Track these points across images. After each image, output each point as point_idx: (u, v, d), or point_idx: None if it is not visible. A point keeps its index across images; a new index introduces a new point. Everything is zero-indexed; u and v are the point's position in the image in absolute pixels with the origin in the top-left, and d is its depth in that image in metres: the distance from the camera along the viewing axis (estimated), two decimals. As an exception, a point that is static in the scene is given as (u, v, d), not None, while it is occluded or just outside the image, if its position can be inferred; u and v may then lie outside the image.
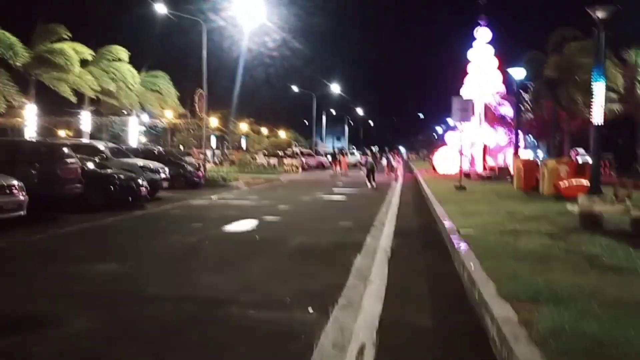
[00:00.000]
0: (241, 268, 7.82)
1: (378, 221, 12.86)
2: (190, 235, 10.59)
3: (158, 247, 9.48)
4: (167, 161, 21.64)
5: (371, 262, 8.08)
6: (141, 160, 18.35)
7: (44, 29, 23.44)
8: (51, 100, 30.22)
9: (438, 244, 8.98)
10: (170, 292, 6.45)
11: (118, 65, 27.91)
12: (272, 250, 9.27)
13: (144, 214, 14.15)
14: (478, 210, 12.03)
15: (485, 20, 34.19)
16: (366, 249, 9.23)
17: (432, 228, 10.94)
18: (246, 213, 14.39)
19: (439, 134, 74.01)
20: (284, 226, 12.22)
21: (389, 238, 9.86)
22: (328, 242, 10.07)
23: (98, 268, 7.68)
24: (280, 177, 33.60)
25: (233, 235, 10.96)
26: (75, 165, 13.69)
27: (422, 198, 18.07)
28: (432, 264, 7.58)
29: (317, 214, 14.85)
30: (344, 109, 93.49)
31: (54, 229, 11.16)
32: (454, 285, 6.39)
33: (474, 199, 15.43)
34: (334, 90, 67.16)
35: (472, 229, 8.97)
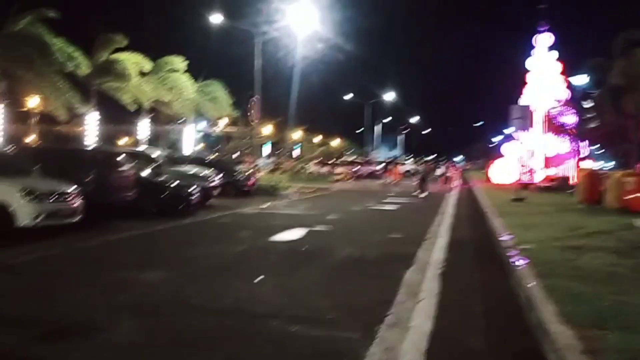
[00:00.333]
0: (286, 279, 7.61)
1: (430, 233, 12.43)
2: (237, 244, 10.49)
3: (204, 255, 9.41)
4: (219, 169, 21.82)
5: (422, 277, 7.71)
6: (193, 169, 18.56)
7: (104, 40, 24.23)
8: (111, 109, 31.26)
9: (494, 259, 8.50)
10: (212, 303, 6.30)
11: (175, 75, 28.55)
12: (319, 261, 9.03)
13: (194, 222, 14.21)
14: (537, 223, 11.41)
15: (545, 26, 33.02)
16: (417, 263, 8.85)
17: (487, 241, 10.43)
18: (294, 222, 14.22)
19: (496, 143, 72.11)
20: (332, 236, 11.97)
21: (441, 251, 9.44)
22: (377, 254, 9.75)
23: (143, 276, 7.64)
24: (331, 186, 33.44)
25: (280, 245, 10.79)
26: (129, 173, 13.93)
27: (478, 209, 17.43)
28: (487, 280, 7.14)
29: (366, 225, 14.53)
30: (398, 117, 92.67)
31: (106, 235, 11.30)
32: (510, 304, 5.95)
33: (533, 211, 14.72)
34: (388, 98, 66.56)
35: (530, 244, 8.45)
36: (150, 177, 15.39)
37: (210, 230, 13.03)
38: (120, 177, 13.56)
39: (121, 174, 13.65)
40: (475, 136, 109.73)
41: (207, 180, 18.24)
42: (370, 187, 34.90)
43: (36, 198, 10.44)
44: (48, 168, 12.39)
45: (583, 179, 17.34)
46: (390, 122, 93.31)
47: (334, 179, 38.43)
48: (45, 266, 8.48)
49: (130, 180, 13.93)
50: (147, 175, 15.44)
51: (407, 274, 8.06)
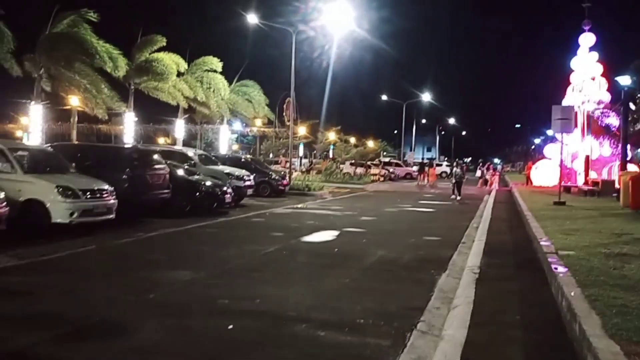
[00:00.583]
0: (315, 282, 7.44)
1: (467, 237, 12.08)
2: (268, 245, 10.37)
3: (234, 255, 9.32)
4: (253, 169, 21.87)
5: (457, 282, 7.43)
6: (228, 168, 18.60)
7: (144, 39, 24.53)
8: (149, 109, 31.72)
9: (533, 265, 8.13)
10: (240, 305, 6.17)
11: (211, 75, 28.74)
12: (350, 263, 8.84)
13: (227, 221, 14.19)
14: (579, 229, 10.93)
15: (589, 25, 31.96)
16: (452, 268, 8.57)
17: (526, 247, 10.03)
18: (327, 223, 14.06)
19: (537, 145, 70.39)
20: (365, 238, 11.76)
21: (477, 256, 9.11)
22: (410, 257, 9.49)
23: (173, 275, 7.59)
24: (366, 187, 33.17)
25: (311, 246, 10.63)
26: (163, 172, 14.00)
27: (517, 213, 16.92)
28: (526, 288, 6.81)
29: (401, 227, 14.25)
30: (435, 118, 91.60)
31: (139, 233, 11.37)
32: (551, 314, 5.63)
33: (575, 215, 14.16)
34: (425, 98, 65.75)
35: (572, 250, 8.05)
36: (184, 176, 15.44)
37: (243, 230, 12.97)
38: (154, 176, 13.63)
39: (156, 172, 13.73)
40: (514, 138, 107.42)
41: (241, 180, 18.22)
42: (406, 188, 34.46)
43: (72, 195, 10.56)
44: (84, 166, 12.59)
45: (627, 183, 16.60)
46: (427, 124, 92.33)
47: (369, 179, 38.07)
48: (76, 262, 8.54)
49: (164, 178, 14.00)
50: (182, 174, 15.49)
51: (441, 278, 7.80)
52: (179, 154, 18.09)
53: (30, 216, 10.25)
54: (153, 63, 23.74)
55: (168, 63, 23.92)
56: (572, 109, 18.58)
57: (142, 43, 24.32)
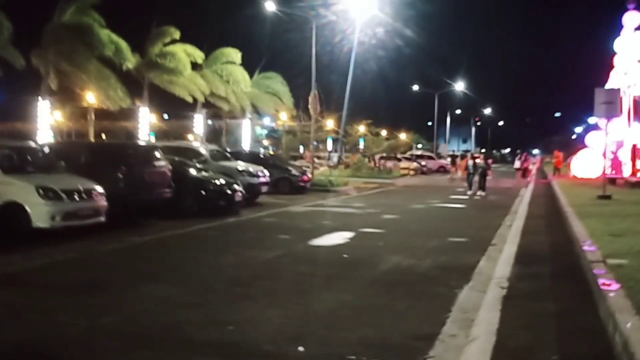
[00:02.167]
0: (310, 300, 6.23)
1: (498, 238, 10.66)
2: (271, 250, 9.22)
3: (228, 264, 8.19)
4: (272, 165, 20.76)
5: (480, 299, 6.10)
6: (242, 164, 17.49)
7: (157, 32, 23.69)
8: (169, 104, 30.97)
9: (574, 277, 6.72)
10: (208, 333, 5.02)
11: (230, 67, 27.73)
12: (358, 274, 7.58)
13: (235, 222, 13.10)
14: (629, 229, 9.38)
15: (634, 3, 29.62)
16: (477, 278, 7.23)
17: (566, 251, 8.57)
18: (344, 223, 12.83)
19: (578, 134, 67.42)
20: (383, 241, 10.46)
21: (508, 264, 7.74)
22: (430, 265, 8.18)
23: (146, 292, 6.50)
24: (395, 181, 31.69)
25: (318, 252, 9.41)
26: (164, 169, 12.98)
27: (556, 209, 15.31)
28: (565, 309, 5.43)
29: (425, 226, 12.90)
30: (470, 108, 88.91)
31: (133, 237, 10.37)
32: (599, 351, 4.28)
33: (623, 212, 12.51)
34: (459, 88, 63.56)
35: (623, 258, 6.60)
36: (190, 173, 14.40)
37: (249, 232, 11.84)
38: (154, 173, 12.63)
39: (156, 170, 12.72)
40: (554, 128, 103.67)
41: (255, 176, 17.11)
42: (438, 182, 32.85)
43: (53, 197, 9.60)
44: (76, 164, 11.63)
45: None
46: (463, 114, 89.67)
47: (399, 174, 36.55)
48: (45, 275, 7.51)
49: (167, 176, 12.97)
50: (187, 171, 14.46)
51: (462, 293, 6.48)
52: (188, 150, 17.07)
53: (10, 221, 9.31)
54: (166, 56, 22.84)
55: (182, 56, 23.00)
56: (618, 92, 16.78)
57: (154, 35, 23.49)
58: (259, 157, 21.65)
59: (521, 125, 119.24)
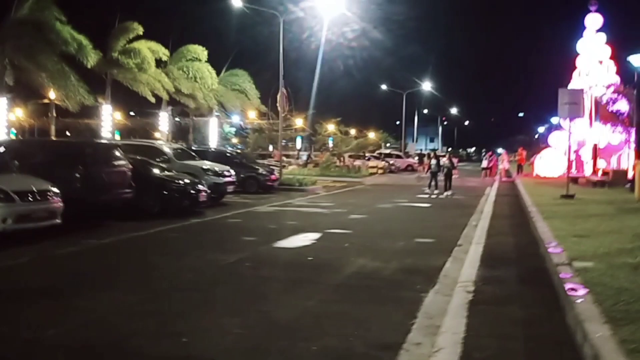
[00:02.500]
0: (271, 307, 5.97)
1: (464, 239, 10.58)
2: (233, 253, 8.92)
3: (186, 268, 7.86)
4: (239, 164, 20.41)
5: (446, 304, 5.95)
6: (207, 163, 17.08)
7: (120, 28, 23.00)
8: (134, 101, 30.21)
9: (541, 280, 6.63)
10: (157, 346, 4.72)
11: (196, 64, 27.16)
12: (322, 278, 7.36)
13: (198, 223, 12.74)
14: (594, 229, 9.41)
15: (595, 5, 30.22)
16: (443, 281, 7.08)
17: (532, 252, 8.52)
18: (310, 224, 12.61)
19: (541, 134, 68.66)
20: (349, 242, 10.26)
21: (474, 266, 7.63)
22: (396, 267, 8.01)
23: (96, 299, 6.14)
24: (363, 180, 31.61)
25: (282, 254, 9.15)
26: (124, 168, 12.53)
27: (521, 208, 15.38)
28: (532, 316, 5.31)
29: (392, 226, 12.76)
30: (437, 108, 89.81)
31: (89, 240, 9.93)
32: (567, 358, 4.15)
33: (587, 211, 12.62)
34: (426, 88, 64.01)
35: (589, 260, 6.54)
36: (151, 173, 13.97)
37: (212, 234, 11.50)
38: (113, 173, 12.18)
39: (115, 169, 12.27)
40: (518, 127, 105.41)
41: (221, 176, 16.73)
42: (405, 181, 32.91)
43: (4, 199, 9.10)
44: (31, 164, 11.13)
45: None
46: (430, 114, 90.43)
47: (367, 172, 36.50)
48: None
49: (126, 176, 12.53)
50: (148, 171, 14.02)
51: (428, 297, 6.32)
52: (150, 149, 16.59)
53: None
54: (130, 53, 22.18)
55: (145, 53, 22.37)
56: (581, 93, 16.95)
57: (117, 32, 22.78)
58: (226, 155, 21.21)
59: (486, 124, 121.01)
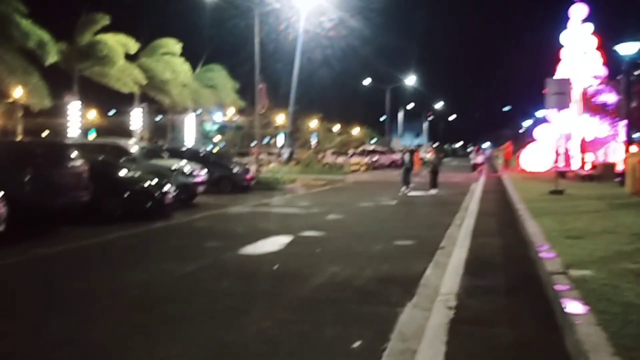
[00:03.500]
0: (223, 328, 5.11)
1: (447, 240, 9.79)
2: (192, 262, 8.03)
3: (137, 282, 6.95)
4: (212, 163, 19.48)
5: (424, 320, 5.13)
6: (175, 163, 16.11)
7: (86, 19, 21.87)
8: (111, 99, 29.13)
9: (533, 292, 5.81)
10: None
11: (169, 59, 26.10)
12: (286, 290, 6.49)
13: (162, 227, 11.80)
14: (587, 229, 8.63)
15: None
16: (422, 292, 6.26)
17: (522, 257, 7.72)
18: (283, 226, 11.75)
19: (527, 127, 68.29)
20: (321, 247, 9.40)
21: (457, 273, 6.82)
22: (370, 276, 7.16)
23: (26, 322, 5.23)
24: (346, 177, 30.75)
25: (246, 262, 8.27)
26: (79, 170, 11.55)
27: (508, 205, 14.63)
28: (524, 338, 4.49)
29: (371, 228, 11.93)
30: (423, 103, 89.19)
31: (38, 248, 8.99)
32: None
33: (577, 209, 11.88)
34: (410, 82, 63.33)
35: (587, 267, 5.74)
36: (112, 174, 13.00)
37: (174, 239, 10.58)
38: (67, 175, 11.20)
39: (69, 171, 11.29)
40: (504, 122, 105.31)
41: (190, 176, 15.77)
42: (389, 177, 32.06)
43: None
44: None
45: (635, 166, 14.39)
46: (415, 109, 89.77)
47: (349, 169, 35.66)
48: None
49: (82, 178, 11.55)
50: (110, 172, 13.06)
51: (404, 314, 5.48)
52: (114, 148, 15.57)
53: None
54: (96, 46, 21.10)
55: (113, 45, 21.29)
56: (568, 82, 16.22)
57: (83, 23, 21.65)
58: (199, 154, 20.23)
59: (472, 119, 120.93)
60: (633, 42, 16.65)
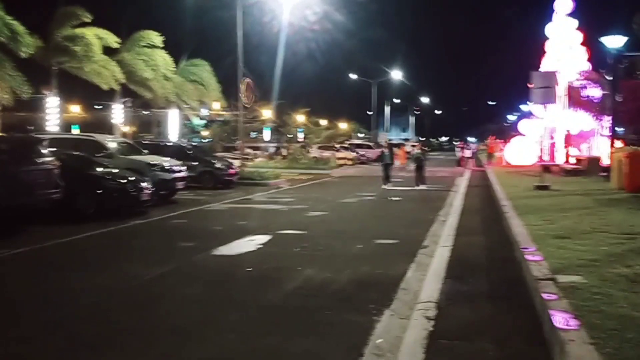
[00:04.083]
0: (183, 345, 4.69)
1: (430, 238, 9.46)
2: (160, 264, 7.59)
3: (95, 288, 6.50)
4: (194, 158, 19.01)
5: (402, 331, 4.76)
6: (154, 158, 15.61)
7: (63, 13, 21.20)
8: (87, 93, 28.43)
9: (519, 300, 5.43)
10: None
11: (150, 52, 25.43)
12: (257, 296, 6.10)
13: (136, 226, 11.33)
14: (575, 227, 8.31)
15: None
16: (401, 297, 5.90)
17: (506, 258, 7.37)
18: (263, 224, 11.36)
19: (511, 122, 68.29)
20: (300, 246, 9.00)
21: (438, 276, 6.46)
22: (348, 279, 6.79)
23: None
24: (331, 172, 30.37)
25: (218, 264, 7.85)
26: (49, 166, 11.04)
27: (493, 201, 14.33)
28: (510, 353, 4.13)
29: (353, 225, 11.55)
30: (409, 98, 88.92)
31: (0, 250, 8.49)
32: None
33: (564, 204, 11.58)
34: (396, 76, 62.91)
35: (577, 272, 5.38)
36: (85, 170, 12.50)
37: (146, 239, 10.13)
38: (35, 172, 10.68)
39: (38, 167, 10.77)
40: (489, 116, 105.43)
41: (169, 171, 15.28)
42: (375, 172, 31.59)
43: None
44: None
45: (622, 161, 14.14)
46: (402, 103, 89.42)
47: (335, 164, 35.26)
48: None
49: (52, 174, 11.04)
50: (83, 168, 12.55)
51: (382, 321, 5.13)
52: (90, 143, 15.01)
53: None
54: (74, 39, 20.44)
55: (92, 39, 20.65)
56: (554, 75, 15.91)
57: (60, 16, 20.96)
58: (181, 149, 19.72)
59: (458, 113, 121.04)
60: (619, 35, 16.36)
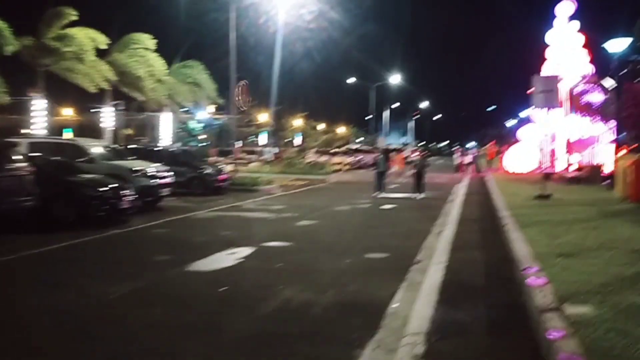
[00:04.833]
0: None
1: (424, 252, 8.83)
2: (128, 281, 6.97)
3: (55, 306, 5.90)
4: (182, 163, 18.38)
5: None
6: (138, 163, 14.96)
7: (53, 12, 20.59)
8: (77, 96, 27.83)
9: (521, 333, 4.79)
10: None
11: (143, 54, 24.82)
12: (226, 323, 5.46)
13: (113, 235, 10.69)
14: (581, 243, 7.67)
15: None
16: (389, 325, 5.27)
17: (506, 279, 6.72)
18: (248, 234, 10.76)
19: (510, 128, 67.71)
20: (284, 261, 8.37)
21: (430, 301, 5.83)
22: (332, 301, 6.16)
23: None
24: (327, 177, 29.74)
25: (192, 282, 7.21)
26: (23, 172, 10.45)
27: (492, 211, 13.69)
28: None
29: (342, 236, 10.93)
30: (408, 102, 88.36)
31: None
32: None
33: (567, 216, 10.94)
34: (395, 81, 62.38)
35: (586, 302, 4.74)
36: (63, 176, 11.88)
37: (120, 251, 9.48)
38: (7, 178, 10.08)
39: (10, 174, 10.18)
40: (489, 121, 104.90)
41: (153, 178, 14.64)
42: (371, 178, 31.04)
43: None
44: None
45: (627, 170, 13.52)
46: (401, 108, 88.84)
47: (332, 169, 34.64)
48: None
49: (25, 181, 10.45)
50: (61, 173, 11.94)
51: (364, 356, 4.49)
52: (70, 147, 14.38)
53: None
54: (63, 40, 19.83)
55: (82, 40, 20.04)
56: (556, 79, 15.31)
57: (50, 16, 20.36)
58: (169, 154, 19.08)
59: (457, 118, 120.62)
60: (622, 38, 15.76)
